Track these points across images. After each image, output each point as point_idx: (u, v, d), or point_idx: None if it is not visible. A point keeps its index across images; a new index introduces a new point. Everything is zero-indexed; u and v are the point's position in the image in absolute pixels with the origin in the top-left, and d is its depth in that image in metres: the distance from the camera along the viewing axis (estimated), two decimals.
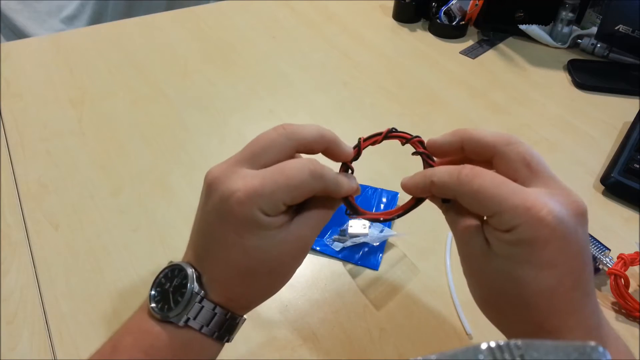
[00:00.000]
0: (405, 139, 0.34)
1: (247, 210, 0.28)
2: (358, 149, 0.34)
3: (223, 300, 0.31)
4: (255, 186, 0.28)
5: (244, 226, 0.29)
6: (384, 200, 0.55)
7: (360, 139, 0.34)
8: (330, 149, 0.32)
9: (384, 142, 0.36)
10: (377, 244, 0.51)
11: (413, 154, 0.34)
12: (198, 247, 0.32)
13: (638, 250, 0.49)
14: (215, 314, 0.31)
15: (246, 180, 0.28)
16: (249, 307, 0.33)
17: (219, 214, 0.29)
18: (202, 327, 0.30)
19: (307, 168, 0.29)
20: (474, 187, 0.27)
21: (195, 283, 0.30)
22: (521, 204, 0.26)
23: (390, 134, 0.34)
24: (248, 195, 0.28)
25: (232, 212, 0.28)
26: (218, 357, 0.41)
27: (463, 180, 0.28)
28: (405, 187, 0.33)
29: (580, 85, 0.77)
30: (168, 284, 0.31)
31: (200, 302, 0.30)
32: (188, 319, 0.30)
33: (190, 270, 0.31)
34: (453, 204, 0.32)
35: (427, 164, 0.34)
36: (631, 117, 0.69)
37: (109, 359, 0.30)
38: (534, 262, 0.26)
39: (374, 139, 0.34)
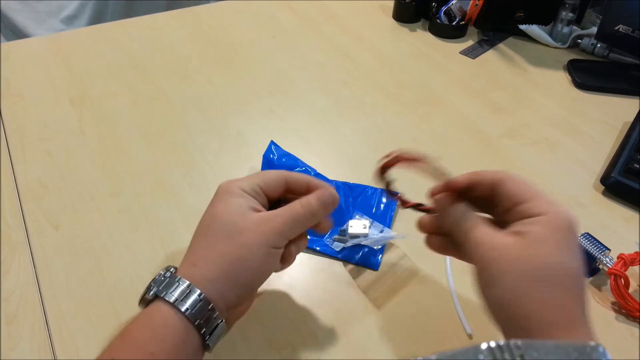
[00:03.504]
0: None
1: (225, 186, 0.38)
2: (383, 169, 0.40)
3: (187, 268, 0.35)
4: (237, 178, 0.39)
5: (219, 197, 0.38)
6: (384, 200, 0.55)
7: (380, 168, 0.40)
8: (311, 188, 0.40)
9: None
10: (379, 247, 0.51)
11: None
12: None
13: (638, 250, 0.49)
14: (178, 283, 0.34)
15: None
16: (211, 279, 0.34)
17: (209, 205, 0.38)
18: (164, 294, 0.33)
19: (281, 173, 0.40)
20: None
21: (170, 267, 0.36)
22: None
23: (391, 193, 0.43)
24: (229, 180, 0.39)
25: (216, 192, 0.38)
26: (219, 358, 0.41)
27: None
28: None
29: (580, 85, 0.77)
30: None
31: (167, 275, 0.35)
32: (158, 290, 0.34)
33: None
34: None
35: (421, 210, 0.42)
36: (631, 117, 0.69)
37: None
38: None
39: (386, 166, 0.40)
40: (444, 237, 0.39)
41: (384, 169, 0.40)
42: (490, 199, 0.36)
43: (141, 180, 0.58)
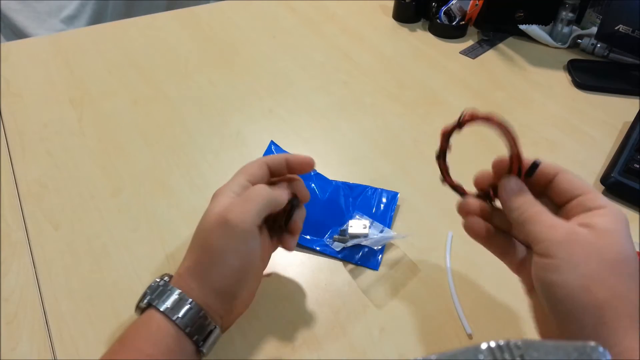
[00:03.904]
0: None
1: (218, 190, 0.40)
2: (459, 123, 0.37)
3: (177, 278, 0.37)
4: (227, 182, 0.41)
5: (209, 205, 0.39)
6: (384, 200, 0.55)
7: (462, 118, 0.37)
8: (290, 163, 0.42)
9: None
10: (379, 247, 0.51)
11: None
12: None
13: (638, 250, 0.49)
14: (170, 291, 0.35)
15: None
16: (195, 287, 0.36)
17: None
18: (156, 302, 0.35)
19: (261, 160, 0.42)
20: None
21: (165, 275, 0.38)
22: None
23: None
24: (223, 185, 0.40)
25: (210, 203, 0.39)
26: (218, 358, 0.41)
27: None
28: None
29: (580, 85, 0.77)
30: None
31: (161, 284, 0.36)
32: (151, 298, 0.36)
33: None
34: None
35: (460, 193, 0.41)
36: (631, 117, 0.69)
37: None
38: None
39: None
40: (486, 222, 0.39)
41: (453, 129, 0.38)
42: (543, 189, 0.37)
43: (141, 180, 0.58)
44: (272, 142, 0.58)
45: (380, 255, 0.50)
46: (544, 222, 0.33)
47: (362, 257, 0.50)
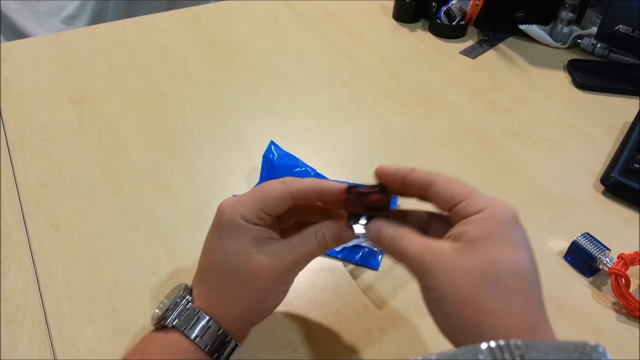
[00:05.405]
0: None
1: (228, 214, 0.34)
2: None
3: (204, 304, 0.35)
4: (238, 198, 0.35)
5: (224, 229, 0.34)
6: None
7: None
8: (323, 196, 0.35)
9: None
10: (379, 248, 0.50)
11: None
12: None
13: (638, 250, 0.49)
14: (198, 317, 0.34)
15: (233, 198, 0.36)
16: (230, 319, 0.35)
17: (211, 227, 0.36)
18: (184, 328, 0.34)
19: (279, 182, 0.35)
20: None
21: (184, 291, 0.36)
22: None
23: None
24: (231, 203, 0.35)
25: (217, 219, 0.35)
26: None
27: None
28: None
29: (580, 85, 0.77)
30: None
31: (184, 304, 0.35)
32: (174, 319, 0.34)
33: (183, 284, 0.37)
34: None
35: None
36: (631, 117, 0.69)
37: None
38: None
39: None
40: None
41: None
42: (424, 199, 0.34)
43: (141, 180, 0.58)
44: (272, 142, 0.58)
45: (380, 256, 0.50)
46: (411, 257, 0.31)
47: (362, 257, 0.50)
